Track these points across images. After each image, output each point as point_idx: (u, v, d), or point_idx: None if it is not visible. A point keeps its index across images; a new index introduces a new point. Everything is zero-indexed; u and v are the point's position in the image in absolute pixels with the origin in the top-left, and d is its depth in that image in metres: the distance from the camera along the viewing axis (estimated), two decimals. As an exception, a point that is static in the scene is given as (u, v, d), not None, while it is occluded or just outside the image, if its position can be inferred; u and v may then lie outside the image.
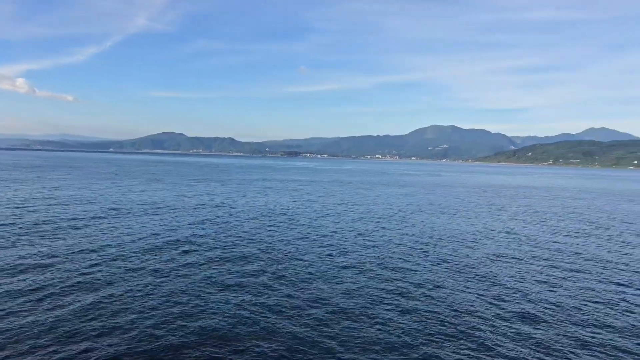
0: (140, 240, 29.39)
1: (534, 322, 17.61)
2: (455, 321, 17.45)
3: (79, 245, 27.17)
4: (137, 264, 23.56)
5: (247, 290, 20.17)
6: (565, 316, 18.39)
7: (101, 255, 24.91)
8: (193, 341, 14.95)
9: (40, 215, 37.20)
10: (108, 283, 20.37)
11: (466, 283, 22.52)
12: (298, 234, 33.77)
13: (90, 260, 23.92)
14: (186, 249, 27.60)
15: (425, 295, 20.44)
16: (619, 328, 17.34)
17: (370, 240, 32.46)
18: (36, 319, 16.14)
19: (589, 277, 24.38)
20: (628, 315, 18.75)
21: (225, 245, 29.07)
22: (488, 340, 15.81)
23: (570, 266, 26.77)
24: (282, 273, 23.13)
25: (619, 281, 23.84)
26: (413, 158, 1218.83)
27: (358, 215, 46.03)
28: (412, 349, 14.94)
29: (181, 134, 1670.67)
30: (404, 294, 20.42)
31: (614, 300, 20.69)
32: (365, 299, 19.69)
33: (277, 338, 15.43)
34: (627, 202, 72.48)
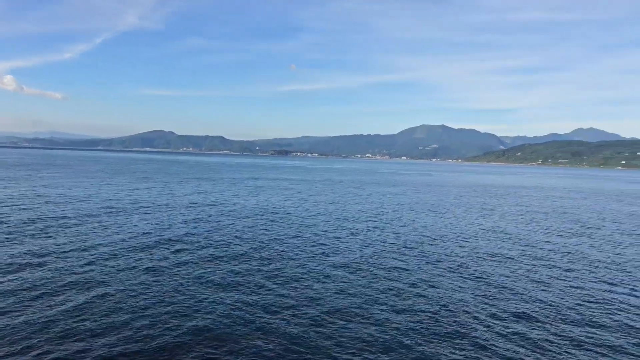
0: (132, 239, 29.17)
1: (527, 322, 17.72)
2: (449, 320, 17.51)
3: (71, 244, 26.91)
4: (130, 263, 23.38)
5: (241, 290, 20.09)
6: (558, 315, 18.53)
7: (93, 255, 24.69)
8: (188, 341, 14.86)
9: (30, 213, 36.79)
10: (101, 282, 20.19)
11: (460, 282, 22.61)
12: (291, 233, 33.71)
13: (82, 259, 23.70)
14: (179, 247, 27.43)
15: (420, 294, 20.48)
16: (610, 327, 17.50)
17: (363, 240, 32.48)
18: (28, 318, 15.95)
19: (581, 277, 24.59)
20: (619, 314, 18.92)
21: (218, 244, 28.95)
22: (483, 339, 15.88)
23: (563, 265, 26.99)
24: (276, 272, 23.08)
25: (611, 280, 24.07)
26: (403, 157, 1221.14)
27: (350, 214, 46.05)
28: (408, 349, 14.97)
29: (171, 132, 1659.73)
30: (398, 294, 20.45)
31: (605, 299, 20.88)
32: (359, 298, 19.69)
33: (273, 338, 15.37)
34: (616, 202, 73.23)
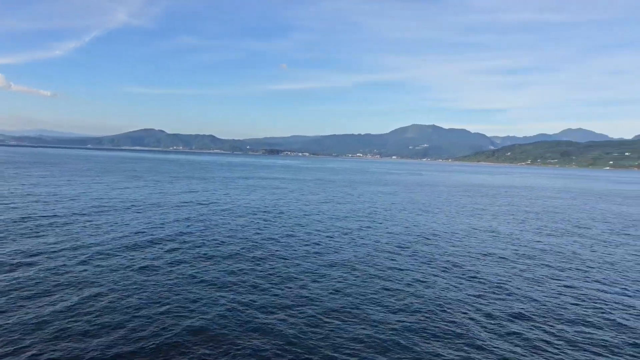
0: (124, 238, 28.94)
1: (522, 321, 17.81)
2: (444, 320, 17.55)
3: (62, 243, 26.63)
4: (123, 263, 23.18)
5: (236, 290, 19.99)
6: (552, 314, 18.64)
7: (85, 254, 24.44)
8: (184, 341, 14.75)
9: (20, 212, 36.35)
10: (93, 282, 20.00)
11: (454, 282, 22.68)
12: (284, 233, 33.63)
13: (75, 258, 23.45)
14: (172, 247, 27.26)
15: (414, 294, 20.51)
16: (603, 325, 17.63)
17: (357, 239, 32.48)
18: (21, 319, 15.75)
19: (574, 276, 24.77)
20: (612, 313, 19.07)
21: (212, 243, 28.80)
22: (477, 339, 15.93)
23: (555, 265, 27.17)
24: (270, 272, 23.00)
25: (603, 280, 24.27)
26: (394, 157, 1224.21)
27: (343, 214, 46.05)
28: (403, 348, 14.97)
29: (161, 131, 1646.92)
30: (393, 293, 20.47)
31: (598, 298, 21.04)
32: (354, 298, 19.67)
33: (269, 338, 15.31)
34: (605, 202, 73.91)
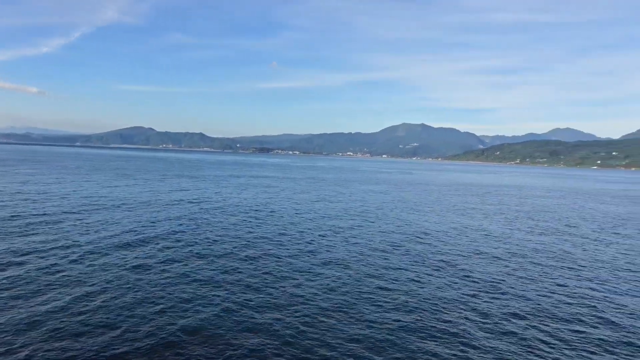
0: (116, 236, 28.69)
1: (515, 319, 17.92)
2: (438, 319, 17.61)
3: (53, 241, 26.33)
4: (115, 261, 22.98)
5: (230, 289, 19.90)
6: (544, 313, 18.78)
7: (77, 252, 24.19)
8: (178, 341, 14.65)
9: (9, 210, 35.89)
10: (86, 281, 19.80)
11: (447, 281, 22.76)
12: (277, 231, 33.55)
13: (66, 257, 23.20)
14: (164, 245, 27.07)
15: (408, 293, 20.57)
16: (595, 323, 17.80)
17: (350, 238, 32.49)
18: (13, 318, 15.55)
19: (565, 275, 24.99)
20: (604, 311, 19.25)
21: (204, 242, 28.66)
22: (471, 337, 16.01)
23: (547, 263, 27.40)
24: (264, 270, 22.93)
25: (594, 278, 24.50)
26: (384, 156, 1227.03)
27: (335, 212, 46.06)
28: (397, 347, 15.01)
29: (150, 129, 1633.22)
30: (386, 292, 20.51)
31: (589, 296, 21.23)
32: (348, 296, 19.68)
33: (263, 337, 15.26)
34: (594, 202, 74.65)
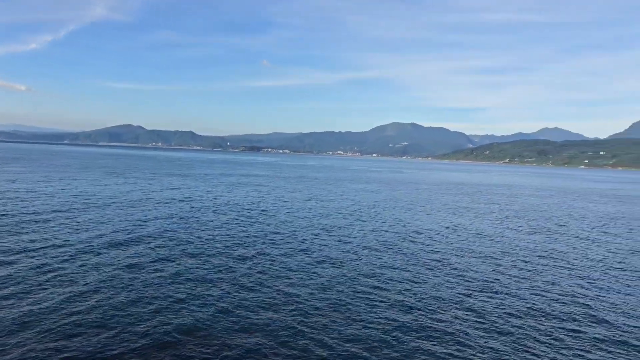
0: (108, 235, 28.43)
1: (509, 318, 18.02)
2: (432, 318, 17.66)
3: (44, 240, 26.04)
4: (108, 260, 22.77)
5: (224, 288, 19.79)
6: (537, 311, 18.92)
7: (68, 251, 23.95)
8: (174, 340, 14.54)
9: (-3, 209, 35.45)
10: (78, 280, 19.59)
11: (440, 279, 22.84)
12: (270, 230, 33.44)
13: (58, 256, 22.95)
14: (156, 244, 26.87)
15: (402, 292, 20.60)
16: (587, 322, 17.95)
17: (342, 237, 32.49)
18: (4, 318, 15.35)
19: (557, 273, 25.20)
20: (596, 310, 19.42)
21: (197, 241, 28.49)
22: (465, 335, 16.07)
23: (539, 262, 27.62)
24: (258, 269, 22.85)
25: (586, 276, 24.72)
26: (374, 155, 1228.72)
27: (328, 211, 46.04)
28: (392, 345, 15.02)
29: (140, 127, 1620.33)
30: (380, 291, 20.53)
31: (581, 294, 21.42)
32: (343, 295, 19.68)
33: (258, 336, 15.19)
34: (583, 201, 75.34)
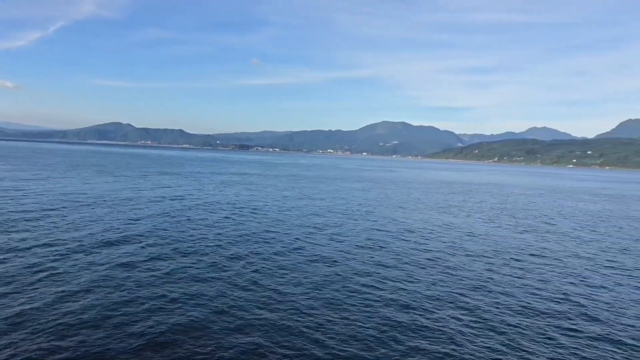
0: (99, 234, 28.17)
1: (502, 316, 18.12)
2: (426, 316, 17.72)
3: (35, 239, 25.73)
4: (100, 259, 22.56)
5: (218, 287, 19.69)
6: (531, 310, 19.05)
7: (60, 250, 23.69)
8: (167, 340, 14.43)
9: (-14, 207, 35.01)
10: (71, 280, 19.38)
11: (433, 278, 22.93)
12: (262, 229, 33.34)
13: (49, 255, 22.68)
14: (149, 243, 26.67)
15: (396, 290, 20.64)
16: (581, 320, 18.12)
17: (336, 236, 32.49)
18: (-4, 318, 15.14)
19: (549, 271, 25.42)
20: (587, 308, 19.61)
21: (189, 240, 28.32)
22: (459, 334, 16.14)
23: (531, 261, 27.85)
24: (251, 268, 22.77)
25: (578, 275, 24.96)
26: (364, 153, 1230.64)
27: (320, 210, 46.02)
28: (386, 344, 15.04)
29: (129, 125, 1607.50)
30: (374, 289, 20.55)
31: (573, 293, 21.60)
32: (337, 294, 19.67)
33: (254, 335, 15.13)
34: (573, 200, 76.07)
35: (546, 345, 15.44)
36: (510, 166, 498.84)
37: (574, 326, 17.29)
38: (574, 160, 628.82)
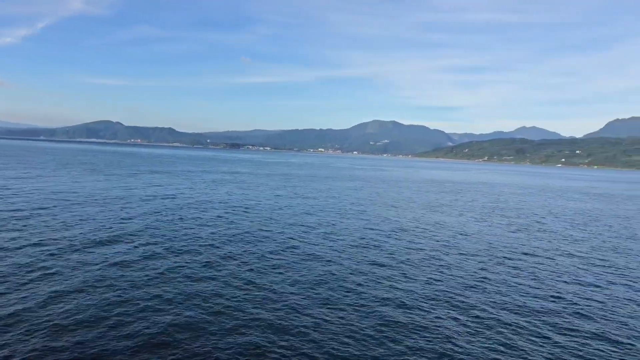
0: (92, 233, 27.91)
1: (498, 314, 18.21)
2: (422, 315, 17.76)
3: (27, 238, 25.43)
4: (94, 258, 22.36)
5: (213, 286, 19.60)
6: (526, 308, 19.16)
7: (52, 249, 23.43)
8: (163, 340, 14.34)
9: (-25, 206, 34.55)
10: (65, 279, 19.18)
11: (428, 277, 22.98)
12: (255, 227, 33.22)
13: (42, 254, 22.44)
14: (142, 242, 26.47)
15: (391, 289, 20.67)
16: (576, 318, 18.25)
17: (329, 235, 32.47)
18: (-11, 319, 14.94)
19: (543, 270, 25.58)
20: (581, 306, 19.76)
21: (182, 239, 28.15)
22: (456, 332, 16.20)
23: (525, 259, 28.03)
24: (245, 267, 22.70)
25: (571, 273, 25.13)
26: (355, 152, 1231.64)
27: (313, 209, 45.96)
28: (382, 343, 15.06)
29: (118, 123, 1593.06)
30: (369, 288, 20.56)
31: (567, 291, 21.76)
32: (332, 292, 19.67)
33: (251, 334, 15.07)
34: (562, 199, 76.71)
35: (539, 344, 15.53)
36: (500, 165, 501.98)
37: (567, 324, 17.41)
38: (563, 160, 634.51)
